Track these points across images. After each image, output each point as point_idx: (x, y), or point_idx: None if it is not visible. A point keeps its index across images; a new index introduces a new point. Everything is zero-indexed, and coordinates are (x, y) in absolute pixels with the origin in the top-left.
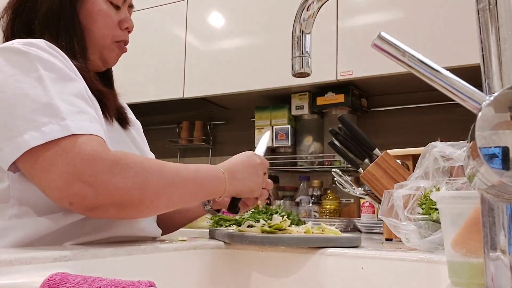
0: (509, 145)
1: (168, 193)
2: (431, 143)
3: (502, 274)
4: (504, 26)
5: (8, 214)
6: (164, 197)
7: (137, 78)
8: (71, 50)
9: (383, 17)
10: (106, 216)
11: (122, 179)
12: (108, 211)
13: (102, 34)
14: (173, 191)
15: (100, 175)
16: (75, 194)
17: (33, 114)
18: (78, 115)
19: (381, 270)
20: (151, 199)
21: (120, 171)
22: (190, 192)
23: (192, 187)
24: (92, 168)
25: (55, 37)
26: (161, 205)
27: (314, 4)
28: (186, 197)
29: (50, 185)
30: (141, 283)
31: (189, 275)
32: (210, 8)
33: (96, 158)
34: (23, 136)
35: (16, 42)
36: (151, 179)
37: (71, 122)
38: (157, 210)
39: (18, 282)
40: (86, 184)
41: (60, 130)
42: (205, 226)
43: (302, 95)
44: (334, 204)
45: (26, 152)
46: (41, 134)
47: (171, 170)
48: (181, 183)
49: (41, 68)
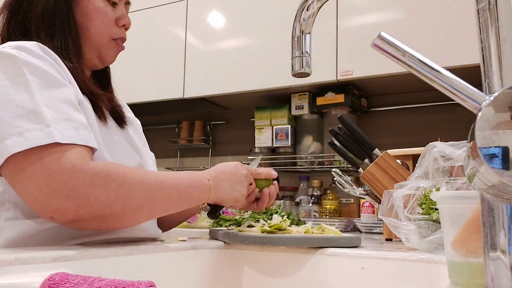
0: (509, 145)
1: (151, 205)
2: (431, 143)
3: (502, 274)
4: (504, 26)
5: (3, 217)
6: (147, 208)
7: (137, 78)
8: (66, 50)
9: (383, 17)
10: (89, 228)
11: (103, 192)
12: (90, 223)
13: (99, 32)
14: (156, 203)
15: (80, 189)
16: (55, 209)
17: (17, 120)
18: (63, 123)
19: (381, 270)
20: (134, 211)
21: (102, 184)
22: (173, 202)
23: (175, 197)
24: (72, 182)
25: (50, 37)
26: (143, 216)
27: (314, 4)
28: (169, 207)
29: (30, 198)
30: (141, 283)
31: (189, 275)
32: (210, 8)
33: (76, 171)
34: (5, 142)
35: (7, 46)
36: (133, 191)
37: (55, 130)
38: (139, 221)
39: (18, 282)
40: (66, 199)
41: (44, 137)
42: (205, 226)
43: (302, 95)
44: (334, 204)
45: (8, 158)
46: (24, 139)
47: (154, 182)
48: (164, 194)
49: (28, 73)
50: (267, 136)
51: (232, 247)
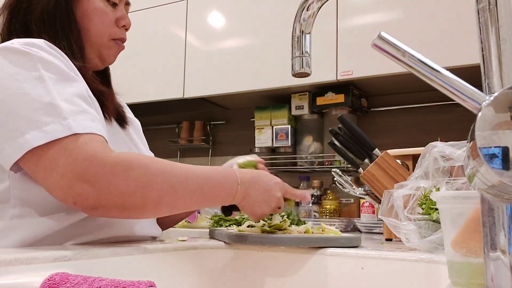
0: (509, 145)
1: (173, 199)
2: (431, 143)
3: (502, 274)
4: (504, 26)
5: (9, 214)
6: (168, 202)
7: (137, 78)
8: (70, 51)
9: (383, 17)
10: (109, 215)
11: (123, 181)
12: (110, 212)
13: (99, 32)
14: (179, 198)
15: (101, 176)
16: (78, 193)
17: (35, 114)
18: (79, 115)
19: (381, 270)
20: (155, 204)
21: (122, 173)
22: (195, 199)
23: (198, 195)
24: (93, 169)
25: (52, 38)
26: (164, 209)
27: (314, 4)
28: (191, 204)
29: (53, 185)
30: (141, 283)
31: (189, 275)
32: (210, 8)
33: (98, 158)
34: (25, 136)
35: (16, 42)
36: (155, 183)
37: (73, 122)
38: (160, 213)
39: (18, 282)
40: (88, 184)
41: (62, 129)
42: (205, 226)
43: (302, 95)
44: (334, 204)
45: (28, 151)
46: (44, 133)
47: (178, 175)
48: (187, 191)
49: (42, 68)
50: (267, 136)
51: (232, 247)
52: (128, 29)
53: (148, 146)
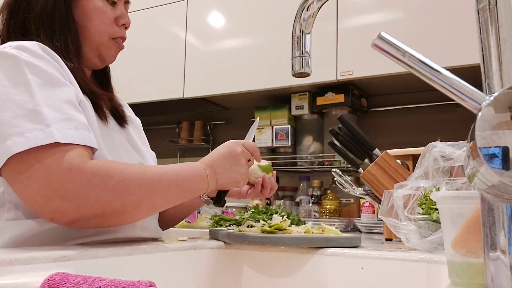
0: (509, 145)
1: (150, 199)
2: (431, 143)
3: (502, 274)
4: (504, 26)
5: (4, 217)
6: (146, 203)
7: (137, 78)
8: (66, 50)
9: (383, 17)
10: (89, 226)
11: (102, 190)
12: (90, 222)
13: (98, 31)
14: (156, 196)
15: (79, 189)
16: (55, 210)
17: (18, 120)
18: (63, 123)
19: (381, 270)
20: (133, 207)
21: (100, 182)
22: (172, 195)
23: (174, 190)
24: (70, 183)
25: (50, 37)
26: (143, 211)
27: (314, 4)
28: (168, 200)
29: (29, 200)
30: (141, 283)
31: (189, 275)
32: (210, 8)
33: (74, 171)
34: (6, 142)
35: (8, 46)
36: (132, 187)
37: (56, 130)
38: (140, 216)
39: (18, 282)
40: (65, 200)
41: (44, 137)
42: (205, 226)
43: (302, 95)
44: (334, 204)
45: (7, 160)
46: (25, 139)
47: (152, 176)
48: (163, 188)
49: (29, 73)
50: (267, 136)
51: (232, 247)
52: (127, 28)
53: (149, 145)
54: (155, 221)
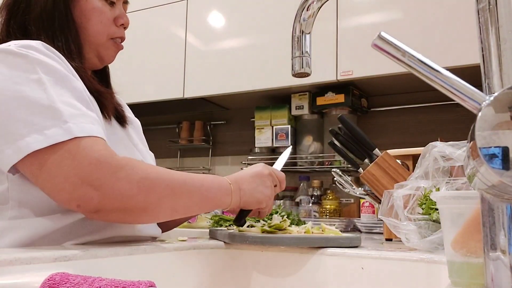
0: (509, 145)
1: (173, 201)
2: (431, 143)
3: (502, 274)
4: (504, 26)
5: (7, 215)
6: (168, 205)
7: (137, 78)
8: (68, 51)
9: (383, 17)
10: (109, 219)
11: (126, 183)
12: (111, 215)
13: (97, 31)
14: (178, 201)
15: (105, 179)
16: (81, 196)
17: (35, 117)
18: (80, 118)
19: (381, 270)
20: (155, 206)
21: (125, 176)
22: (195, 202)
23: (197, 197)
24: (98, 172)
25: (51, 38)
26: (164, 212)
27: (314, 4)
28: (190, 207)
29: (56, 188)
30: (141, 283)
31: (189, 275)
32: (210, 8)
33: (102, 161)
34: (25, 139)
35: (13, 44)
36: (156, 185)
37: (73, 125)
38: (160, 217)
39: (18, 282)
40: (92, 187)
41: (63, 133)
42: (205, 226)
43: (302, 95)
44: (334, 204)
45: (29, 155)
46: (44, 137)
47: (178, 179)
48: (186, 193)
49: (41, 71)
50: (267, 136)
51: (232, 247)
52: (126, 28)
53: (148, 146)
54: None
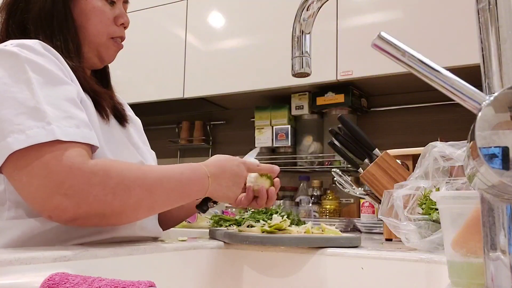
0: (509, 145)
1: (150, 201)
2: (431, 143)
3: (502, 274)
4: (504, 26)
5: (4, 216)
6: (146, 205)
7: (137, 78)
8: (66, 50)
9: (383, 17)
10: (88, 225)
11: (101, 190)
12: (89, 221)
13: (97, 31)
14: (155, 200)
15: (79, 187)
16: (55, 207)
17: (19, 117)
18: (64, 120)
19: (381, 270)
20: (133, 208)
21: (100, 182)
22: (172, 198)
23: (174, 195)
24: (70, 180)
25: (49, 37)
26: (142, 213)
27: (314, 4)
28: (169, 203)
29: (29, 196)
30: (141, 283)
31: (189, 275)
32: (210, 8)
33: (75, 169)
34: (7, 140)
35: (10, 44)
36: (132, 189)
37: (57, 128)
38: (139, 217)
39: (18, 282)
40: (65, 197)
41: (45, 134)
42: (205, 226)
43: (302, 95)
44: (334, 204)
45: (8, 156)
46: (26, 137)
47: (154, 178)
48: (163, 192)
49: (30, 70)
50: (267, 136)
51: (232, 247)
52: (127, 27)
53: (149, 145)
54: (155, 221)
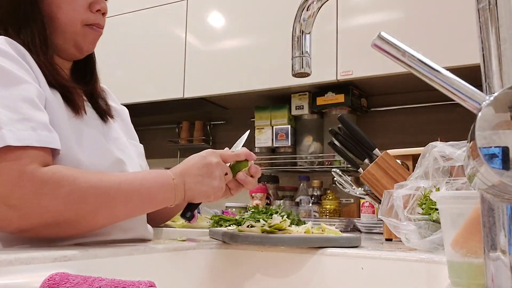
0: (509, 145)
1: (109, 209)
2: (431, 143)
3: (502, 274)
4: (504, 26)
5: None
6: (105, 213)
7: (137, 78)
8: (32, 44)
9: (383, 17)
10: (44, 235)
11: (52, 199)
12: (42, 231)
13: (69, 19)
14: (115, 206)
15: (27, 197)
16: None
17: None
18: (19, 124)
19: (381, 270)
20: (91, 216)
21: (50, 191)
22: (135, 205)
23: (136, 200)
24: (19, 191)
25: (17, 32)
26: (102, 220)
27: (314, 4)
28: (131, 210)
29: None
30: (141, 283)
31: (189, 275)
32: (210, 8)
33: (24, 179)
34: None
35: None
36: (87, 196)
37: (8, 132)
38: (101, 225)
39: (18, 282)
40: (11, 208)
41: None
42: (205, 226)
43: (302, 95)
44: (334, 204)
45: None
46: None
47: (110, 185)
48: (123, 198)
49: None
50: (267, 136)
51: (232, 247)
52: (105, 13)
53: (136, 138)
54: (143, 222)
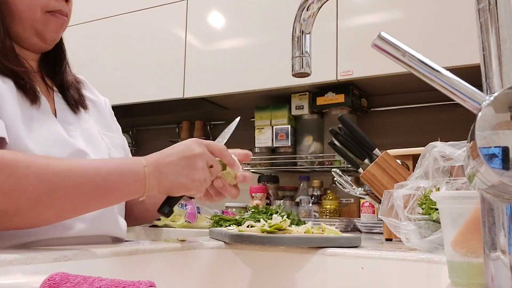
0: (509, 145)
1: (52, 199)
2: (431, 143)
3: (502, 274)
4: (504, 26)
5: None
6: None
7: (137, 78)
8: None
9: (383, 17)
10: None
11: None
12: None
13: (27, 6)
14: (60, 196)
15: None
16: None
17: None
18: None
19: (381, 270)
20: (30, 208)
21: None
22: (88, 196)
23: (90, 189)
24: None
25: None
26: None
27: (314, 4)
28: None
29: None
30: (141, 283)
31: (189, 275)
32: (210, 8)
33: None
34: None
35: None
36: (26, 184)
37: None
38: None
39: (18, 282)
40: None
41: None
42: (205, 226)
43: (302, 95)
44: (334, 204)
45: None
46: None
47: (58, 170)
48: (71, 186)
49: None
50: (267, 136)
51: (232, 247)
52: (68, 1)
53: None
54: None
